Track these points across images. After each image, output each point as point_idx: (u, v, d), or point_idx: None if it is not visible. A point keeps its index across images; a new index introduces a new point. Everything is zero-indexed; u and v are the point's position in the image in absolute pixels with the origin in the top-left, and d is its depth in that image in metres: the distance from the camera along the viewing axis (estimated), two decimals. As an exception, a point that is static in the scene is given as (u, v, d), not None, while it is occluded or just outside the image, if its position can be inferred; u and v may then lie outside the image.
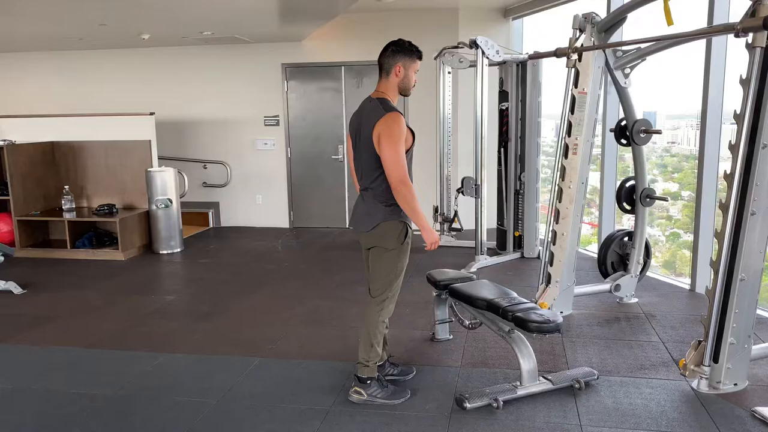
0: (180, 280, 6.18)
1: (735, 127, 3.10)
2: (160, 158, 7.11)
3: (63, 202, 6.71)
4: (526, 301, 3.30)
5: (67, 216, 6.66)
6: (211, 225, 8.27)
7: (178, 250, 6.88)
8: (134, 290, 5.47)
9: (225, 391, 3.35)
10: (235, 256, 6.80)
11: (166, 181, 6.74)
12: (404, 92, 3.12)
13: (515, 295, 3.40)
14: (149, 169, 6.75)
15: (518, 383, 3.19)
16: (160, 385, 3.48)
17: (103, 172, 7.05)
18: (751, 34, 2.95)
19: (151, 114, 6.97)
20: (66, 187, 6.77)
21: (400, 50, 3.05)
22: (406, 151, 3.01)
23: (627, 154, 5.00)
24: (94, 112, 7.36)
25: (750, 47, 2.98)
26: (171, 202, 6.75)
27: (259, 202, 8.25)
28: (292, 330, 4.33)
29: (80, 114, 7.30)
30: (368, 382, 3.17)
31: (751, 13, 2.93)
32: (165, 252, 6.79)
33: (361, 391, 3.17)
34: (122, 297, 5.25)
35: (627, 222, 5.87)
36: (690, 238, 5.18)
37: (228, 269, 6.21)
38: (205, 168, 8.19)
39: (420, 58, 3.10)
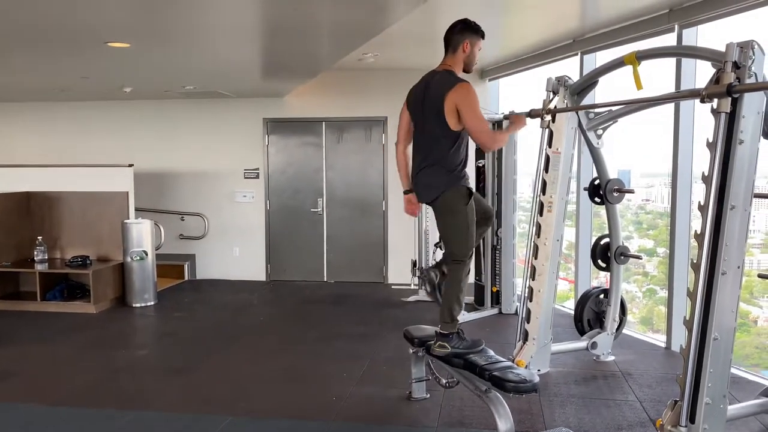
0: (153, 334, 6.05)
1: (704, 187, 3.19)
2: (137, 210, 7.05)
3: (35, 253, 6.59)
4: (503, 359, 3.29)
5: (39, 267, 6.52)
6: (186, 277, 8.15)
7: (152, 303, 6.75)
8: (105, 344, 5.33)
9: (194, 452, 3.24)
10: (210, 309, 6.69)
11: (142, 233, 6.67)
12: (468, 68, 3.36)
13: (492, 353, 3.38)
14: (125, 221, 6.69)
15: (495, 444, 3.14)
16: (126, 445, 3.35)
17: (78, 223, 6.97)
18: (716, 100, 3.06)
19: (130, 165, 6.96)
20: (39, 237, 6.67)
21: (468, 28, 3.29)
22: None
23: (602, 210, 5.11)
24: (73, 163, 7.33)
25: (715, 112, 3.09)
26: (146, 254, 6.67)
27: (237, 254, 8.19)
28: (266, 387, 4.23)
29: (58, 165, 7.26)
30: (450, 336, 3.38)
31: (716, 80, 3.06)
32: (138, 305, 6.66)
33: (445, 345, 3.38)
34: (92, 351, 5.11)
35: (604, 278, 5.92)
36: (666, 294, 5.23)
37: (202, 323, 6.10)
38: (183, 220, 8.14)
39: (483, 37, 3.36)
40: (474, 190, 3.45)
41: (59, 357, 4.96)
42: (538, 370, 4.23)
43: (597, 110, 4.42)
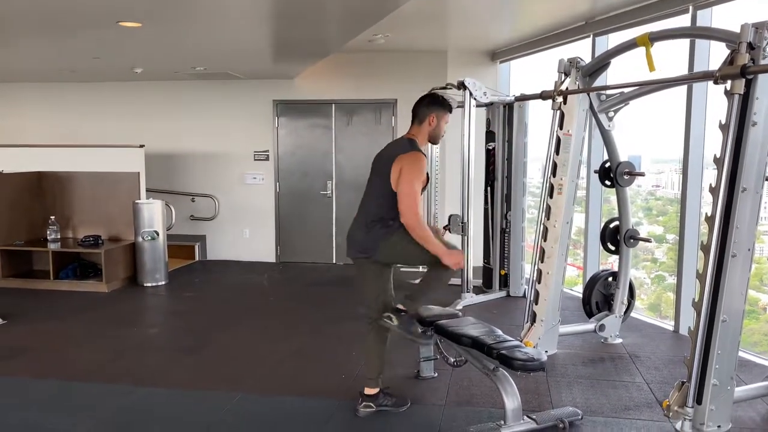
0: (163, 313, 6.12)
1: (716, 171, 3.17)
2: (148, 190, 7.10)
3: (48, 232, 6.66)
4: (511, 339, 3.31)
5: (52, 246, 6.60)
6: (197, 258, 8.22)
7: (163, 282, 6.82)
8: (116, 322, 5.40)
9: (205, 427, 3.29)
10: (220, 289, 6.75)
11: (153, 214, 6.72)
12: (434, 140, 3.42)
13: (500, 332, 3.40)
14: (137, 201, 6.73)
15: (502, 422, 3.17)
16: (138, 419, 3.41)
17: (89, 203, 7.02)
18: (729, 82, 3.04)
19: (141, 146, 7.00)
20: (52, 217, 6.73)
21: (435, 103, 3.34)
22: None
23: (612, 196, 5.09)
24: (84, 144, 7.37)
25: (728, 94, 3.07)
26: (157, 234, 6.72)
27: (247, 236, 8.24)
28: (276, 365, 4.28)
29: (69, 145, 7.31)
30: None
31: (730, 61, 3.03)
32: (149, 284, 6.73)
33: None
34: (104, 329, 5.18)
35: (611, 265, 5.91)
36: (674, 281, 5.22)
37: (213, 303, 6.16)
38: (193, 201, 8.19)
39: (450, 111, 3.39)
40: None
41: (72, 334, 5.04)
42: (546, 351, 4.25)
43: (609, 92, 4.39)
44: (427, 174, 3.31)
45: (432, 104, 3.33)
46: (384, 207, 3.23)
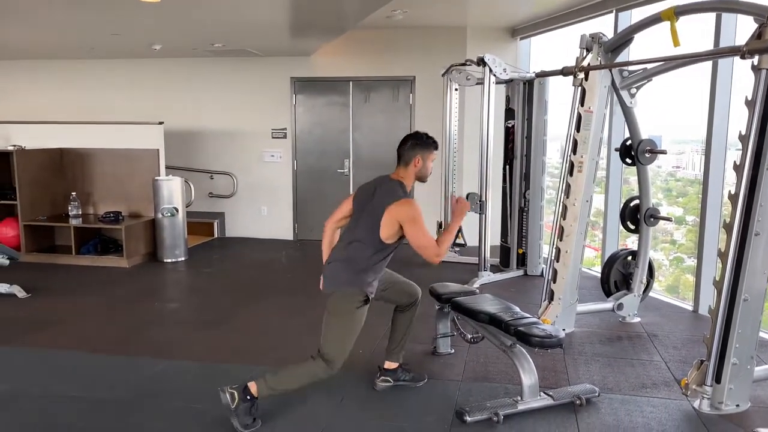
0: (183, 289, 6.20)
1: (739, 151, 3.12)
2: (167, 167, 7.15)
3: (70, 208, 6.76)
4: (528, 315, 3.31)
5: (73, 222, 6.70)
6: (216, 235, 8.29)
7: (183, 259, 6.90)
8: (137, 297, 5.49)
9: (225, 399, 3.34)
10: (239, 266, 6.81)
11: (172, 190, 6.78)
12: (421, 179, 3.32)
13: (518, 309, 3.40)
14: (156, 178, 6.79)
15: (519, 398, 3.18)
16: (160, 390, 3.48)
17: (110, 180, 7.10)
18: (757, 56, 2.98)
19: (160, 123, 7.04)
20: (73, 193, 6.82)
21: (419, 144, 3.24)
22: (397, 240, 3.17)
23: (632, 177, 5.01)
24: (104, 120, 7.43)
25: (756, 69, 3.01)
26: (177, 211, 6.79)
27: (264, 213, 8.28)
28: (293, 340, 4.33)
29: (89, 122, 7.37)
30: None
31: (758, 35, 2.97)
32: (169, 260, 6.81)
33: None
34: (125, 304, 5.27)
35: (631, 243, 5.87)
36: (693, 263, 5.17)
37: (231, 279, 6.23)
38: (212, 178, 8.24)
39: (436, 148, 3.29)
40: (382, 287, 3.33)
41: (94, 309, 5.12)
42: (563, 329, 4.24)
43: (631, 68, 4.32)
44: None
45: (415, 146, 3.22)
46: (365, 254, 3.12)
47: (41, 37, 6.61)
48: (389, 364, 3.52)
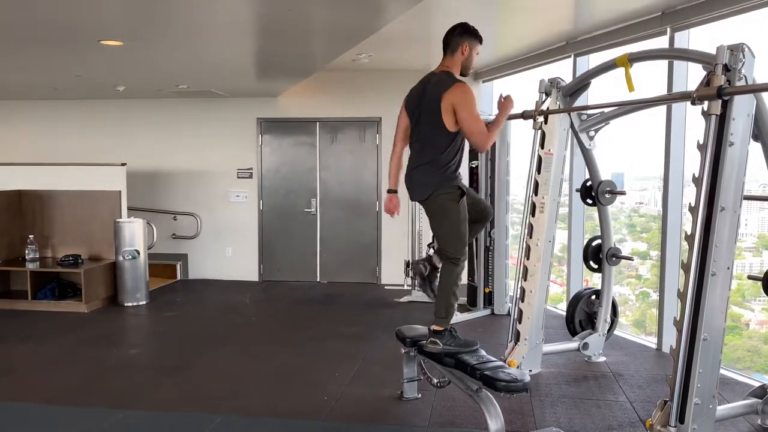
0: (144, 334, 6.03)
1: (695, 188, 3.21)
2: (129, 209, 7.03)
3: (27, 251, 6.56)
4: (494, 359, 3.30)
5: (30, 266, 6.50)
6: (179, 277, 8.13)
7: (144, 302, 6.73)
8: (96, 343, 5.31)
9: (185, 451, 3.23)
10: (202, 309, 6.67)
11: (134, 233, 6.65)
12: (465, 71, 3.42)
13: (483, 353, 3.38)
14: (117, 220, 6.66)
15: (486, 443, 3.14)
16: (116, 444, 3.34)
17: (70, 222, 6.94)
18: (706, 102, 3.09)
19: (123, 165, 6.94)
20: (31, 236, 6.64)
21: (467, 32, 3.35)
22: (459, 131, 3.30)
23: (595, 212, 5.11)
24: (65, 162, 7.30)
25: (706, 114, 3.11)
26: (138, 253, 6.65)
27: (229, 254, 8.17)
28: (258, 386, 4.22)
29: (50, 163, 7.23)
30: (443, 333, 3.42)
31: (706, 82, 3.08)
32: (130, 304, 6.63)
33: (436, 341, 3.40)
34: (83, 350, 5.09)
35: (596, 280, 5.93)
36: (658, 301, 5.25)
37: (194, 323, 6.09)
38: (175, 219, 8.11)
39: (481, 42, 3.41)
40: (467, 189, 3.47)
41: (50, 356, 4.94)
42: (530, 371, 4.24)
43: (589, 112, 4.44)
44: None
45: (464, 33, 3.33)
46: (439, 151, 3.26)
47: (0, 77, 6.51)
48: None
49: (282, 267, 8.12)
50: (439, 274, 3.58)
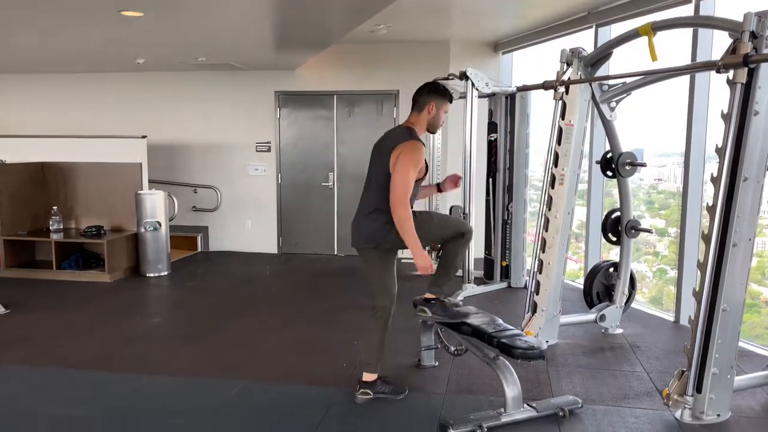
0: (166, 303, 6.14)
1: (717, 163, 3.17)
2: (150, 181, 7.11)
3: (51, 222, 6.68)
4: (511, 328, 3.32)
5: (55, 237, 6.62)
6: (199, 249, 8.24)
7: (165, 273, 6.84)
8: (119, 312, 5.42)
9: (207, 414, 3.31)
10: (222, 280, 6.77)
11: (155, 204, 6.74)
12: (432, 129, 3.41)
13: (501, 321, 3.41)
14: (139, 192, 6.75)
15: (503, 410, 3.19)
16: (141, 407, 3.44)
17: (92, 194, 7.04)
18: (731, 71, 3.04)
19: (143, 137, 7.01)
20: (54, 207, 6.75)
21: (435, 92, 3.33)
22: (417, 180, 3.25)
23: (614, 189, 5.07)
24: (86, 134, 7.38)
25: (731, 83, 3.07)
26: (160, 225, 6.74)
27: (249, 227, 8.25)
28: (278, 354, 4.30)
29: (72, 135, 7.33)
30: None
31: (732, 50, 3.03)
32: (152, 275, 6.75)
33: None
34: (107, 319, 5.20)
35: (614, 256, 5.91)
36: (676, 274, 5.22)
37: (215, 293, 6.18)
38: (195, 192, 8.20)
39: (451, 101, 3.38)
40: (430, 212, 3.52)
41: (75, 324, 5.06)
42: (546, 341, 4.26)
43: (611, 82, 4.39)
44: (426, 163, 3.33)
45: (432, 93, 3.32)
46: (385, 197, 3.23)
47: (21, 51, 6.56)
48: (367, 377, 3.49)
49: (300, 240, 8.18)
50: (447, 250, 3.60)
